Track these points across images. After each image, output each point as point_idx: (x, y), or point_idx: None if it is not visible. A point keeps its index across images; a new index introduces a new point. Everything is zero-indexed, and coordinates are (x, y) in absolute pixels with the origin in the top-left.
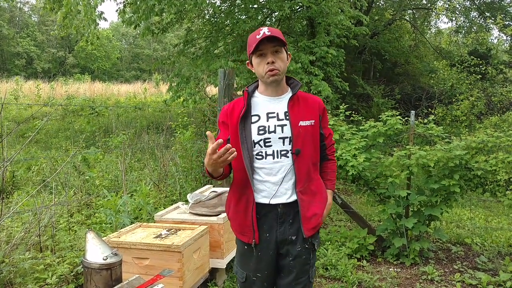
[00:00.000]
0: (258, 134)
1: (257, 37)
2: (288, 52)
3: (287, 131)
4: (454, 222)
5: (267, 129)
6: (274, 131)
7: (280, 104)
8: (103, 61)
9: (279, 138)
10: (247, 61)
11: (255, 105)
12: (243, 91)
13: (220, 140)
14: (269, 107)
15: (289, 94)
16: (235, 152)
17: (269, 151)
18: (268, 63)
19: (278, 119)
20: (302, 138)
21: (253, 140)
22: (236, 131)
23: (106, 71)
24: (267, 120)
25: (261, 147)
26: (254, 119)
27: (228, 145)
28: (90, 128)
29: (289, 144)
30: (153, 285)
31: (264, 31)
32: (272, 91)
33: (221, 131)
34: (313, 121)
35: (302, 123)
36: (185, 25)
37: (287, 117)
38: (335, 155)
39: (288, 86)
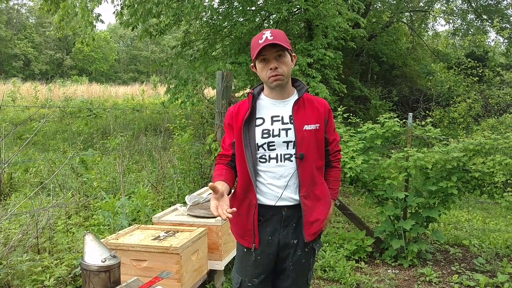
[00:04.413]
0: (262, 137)
1: (260, 42)
2: (293, 54)
3: (291, 135)
4: (452, 224)
5: (271, 132)
6: (278, 135)
7: (285, 108)
8: (101, 63)
9: (283, 142)
10: (252, 64)
11: (260, 108)
12: (248, 94)
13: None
14: (274, 110)
15: (294, 97)
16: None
17: (273, 154)
18: (271, 68)
19: (283, 123)
20: (307, 143)
21: (257, 143)
22: (240, 133)
23: (104, 73)
24: (272, 124)
25: (265, 150)
26: (258, 122)
27: (231, 214)
28: (88, 130)
29: (293, 148)
30: (152, 287)
31: (267, 35)
32: (277, 94)
33: (227, 133)
34: (318, 125)
35: (307, 127)
36: (183, 27)
37: (292, 121)
38: (340, 162)
39: (295, 88)
